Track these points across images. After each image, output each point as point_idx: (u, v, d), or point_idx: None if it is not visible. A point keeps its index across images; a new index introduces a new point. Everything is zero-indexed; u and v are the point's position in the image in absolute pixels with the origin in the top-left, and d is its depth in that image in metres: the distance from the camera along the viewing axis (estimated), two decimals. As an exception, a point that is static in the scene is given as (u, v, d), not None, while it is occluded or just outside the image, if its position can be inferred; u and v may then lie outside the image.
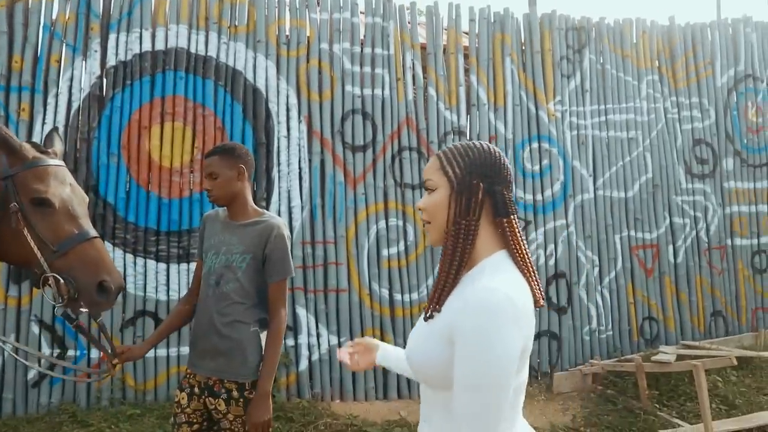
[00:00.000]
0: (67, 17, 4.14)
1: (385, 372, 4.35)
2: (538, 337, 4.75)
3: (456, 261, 1.18)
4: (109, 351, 2.15)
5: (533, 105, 4.99)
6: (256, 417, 2.04)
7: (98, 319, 2.04)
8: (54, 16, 4.14)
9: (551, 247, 4.89)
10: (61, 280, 1.84)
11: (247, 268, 2.14)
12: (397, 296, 4.44)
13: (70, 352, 3.96)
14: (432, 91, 4.71)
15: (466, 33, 5.02)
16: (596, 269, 5.01)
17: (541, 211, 4.90)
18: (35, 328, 3.91)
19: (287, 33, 4.49)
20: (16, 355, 2.83)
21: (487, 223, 1.20)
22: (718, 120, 5.54)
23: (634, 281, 5.10)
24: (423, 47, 4.83)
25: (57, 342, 3.95)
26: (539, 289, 1.19)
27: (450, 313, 1.14)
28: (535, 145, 4.95)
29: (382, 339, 4.35)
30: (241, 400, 2.09)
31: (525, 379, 1.18)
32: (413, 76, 4.71)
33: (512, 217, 1.19)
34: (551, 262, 4.88)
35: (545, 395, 4.49)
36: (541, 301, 1.19)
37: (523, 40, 5.10)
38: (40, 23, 4.11)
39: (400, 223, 4.51)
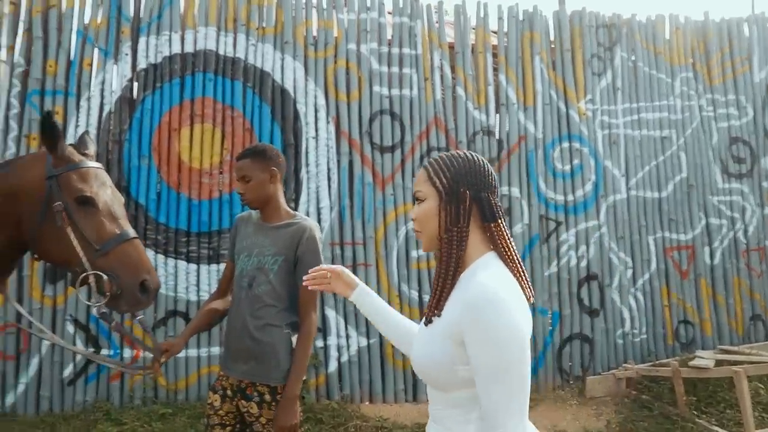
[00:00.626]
0: (98, 22, 4.22)
1: (416, 374, 4.30)
2: (569, 339, 4.66)
3: (451, 266, 1.23)
4: (154, 349, 2.16)
5: (563, 104, 4.91)
6: (283, 420, 2.02)
7: (138, 318, 2.05)
8: (86, 21, 4.22)
9: (583, 248, 4.79)
10: (105, 277, 1.86)
11: (278, 270, 2.12)
12: (427, 298, 4.40)
13: (104, 351, 4.01)
14: (460, 91, 4.66)
15: (495, 32, 4.96)
16: (629, 271, 4.89)
17: (572, 212, 4.80)
18: (70, 328, 3.98)
19: (315, 34, 4.49)
20: (76, 348, 2.87)
21: (476, 227, 1.25)
22: (756, 117, 5.37)
23: (669, 283, 4.97)
24: (451, 47, 4.78)
25: (91, 341, 4.01)
26: (529, 287, 1.23)
27: (450, 314, 1.19)
28: (565, 144, 4.86)
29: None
30: (273, 403, 2.07)
31: (529, 371, 1.21)
32: (441, 76, 4.67)
33: (499, 221, 1.25)
34: (583, 263, 4.78)
35: (578, 400, 4.40)
36: (531, 298, 1.23)
37: (552, 39, 5.02)
38: (73, 28, 4.18)
39: (429, 224, 4.47)
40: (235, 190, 2.21)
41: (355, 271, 4.31)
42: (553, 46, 5.00)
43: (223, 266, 4.06)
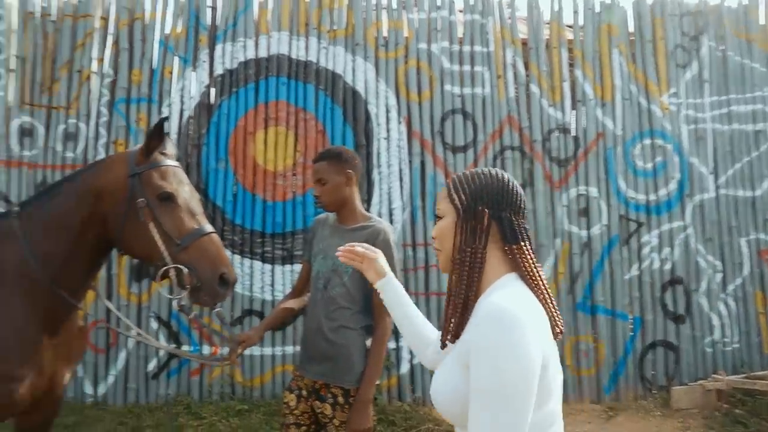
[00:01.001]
0: (178, 32, 4.39)
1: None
2: (652, 347, 4.42)
3: (463, 289, 1.16)
4: (231, 340, 2.20)
5: (644, 99, 4.65)
6: (357, 424, 2.01)
7: (215, 310, 2.10)
8: (167, 31, 4.40)
9: (667, 250, 4.52)
10: (185, 270, 1.91)
11: (353, 273, 2.11)
12: (499, 301, 4.29)
13: (185, 347, 4.17)
14: (534, 88, 4.52)
15: (570, 26, 4.77)
16: (719, 275, 4.57)
17: (654, 212, 4.55)
18: (154, 324, 4.16)
19: (385, 35, 4.48)
20: (158, 344, 2.99)
21: (497, 249, 1.17)
22: None
23: (764, 289, 4.61)
24: (524, 43, 4.65)
25: (173, 337, 4.18)
26: (555, 316, 1.13)
27: (463, 341, 1.12)
28: (647, 141, 4.60)
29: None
30: (347, 405, 2.07)
31: (554, 407, 1.09)
32: (514, 73, 4.54)
33: (522, 243, 1.16)
34: (667, 266, 4.52)
35: (662, 411, 4.16)
36: (558, 331, 1.12)
37: (632, 30, 4.77)
38: (155, 39, 4.38)
39: (502, 225, 4.36)
40: (312, 193, 2.22)
41: (427, 273, 4.27)
42: (632, 38, 4.75)
43: (296, 267, 4.14)
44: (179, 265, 1.92)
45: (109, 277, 4.18)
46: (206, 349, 4.18)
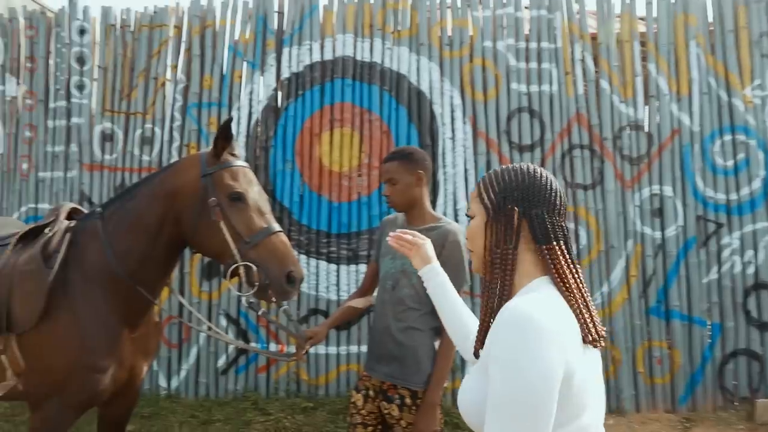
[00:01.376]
0: (247, 37, 4.52)
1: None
2: (734, 355, 4.16)
3: (495, 293, 1.09)
4: (298, 336, 2.25)
5: (725, 92, 4.38)
6: (423, 426, 1.99)
7: (282, 308, 2.14)
8: (236, 37, 4.53)
9: (750, 253, 4.24)
10: (254, 268, 1.96)
11: None
12: (568, 303, 4.16)
13: (252, 344, 4.28)
14: (605, 84, 4.35)
15: (642, 18, 4.57)
16: (810, 280, 4.26)
17: (736, 212, 4.28)
18: (223, 321, 4.30)
19: (449, 33, 4.44)
20: (230, 339, 3.09)
21: (528, 250, 1.10)
22: None
23: None
24: (593, 37, 4.48)
25: (241, 335, 4.30)
26: (591, 321, 1.03)
27: (486, 347, 1.04)
28: (727, 137, 4.34)
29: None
30: (413, 407, 2.05)
31: (587, 424, 0.99)
32: (583, 69, 4.38)
33: (555, 243, 1.08)
34: (750, 270, 4.23)
35: (745, 425, 3.91)
36: (590, 338, 1.01)
37: (711, 20, 4.51)
38: (225, 45, 4.52)
39: (572, 225, 4.22)
40: (381, 192, 2.23)
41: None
42: (711, 28, 4.50)
43: (361, 267, 4.18)
44: (248, 263, 1.97)
45: (182, 276, 4.35)
46: (273, 347, 4.27)
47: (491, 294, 1.11)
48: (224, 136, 2.10)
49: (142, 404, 4.06)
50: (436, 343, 2.12)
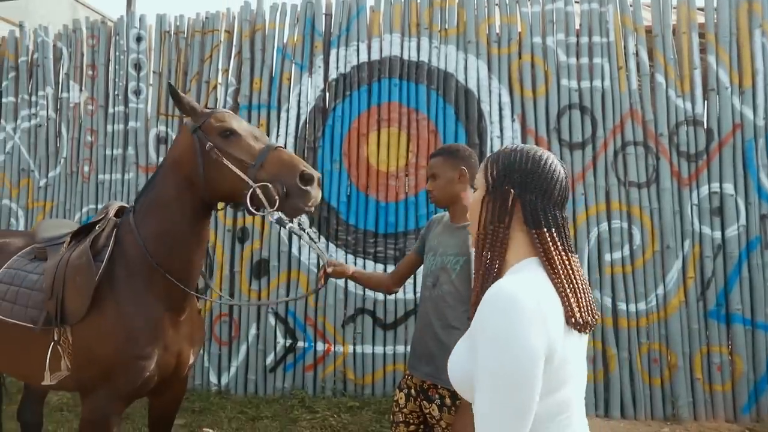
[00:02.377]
0: (295, 39, 4.58)
1: (608, 386, 3.98)
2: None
3: (485, 266, 1.15)
4: (323, 260, 2.33)
5: (792, 83, 4.16)
6: (460, 427, 1.95)
7: (307, 230, 2.23)
8: (285, 40, 4.61)
9: (820, 255, 4.01)
10: (269, 186, 1.99)
11: (460, 271, 2.09)
12: (621, 305, 4.03)
13: (300, 344, 4.33)
14: (660, 78, 4.19)
15: (701, 9, 4.38)
16: None
17: (805, 211, 4.05)
18: (272, 320, 4.36)
19: (498, 31, 4.38)
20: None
21: (521, 231, 1.14)
22: None
23: None
24: (648, 30, 4.33)
25: (289, 333, 4.36)
26: (576, 306, 1.07)
27: (473, 322, 1.09)
28: (795, 131, 4.11)
29: (603, 352, 3.99)
30: (453, 408, 2.02)
31: (568, 397, 1.07)
32: (637, 63, 4.24)
33: (545, 230, 1.11)
34: (821, 273, 4.00)
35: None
36: (573, 321, 1.05)
37: (777, 7, 4.29)
38: (274, 47, 4.61)
39: (625, 225, 4.09)
40: (426, 187, 2.26)
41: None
42: (778, 16, 4.27)
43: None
44: (262, 183, 2.00)
45: (232, 275, 4.45)
46: (320, 345, 4.31)
47: (481, 267, 1.16)
48: (174, 97, 2.18)
49: (193, 399, 4.18)
50: None
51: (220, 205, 2.26)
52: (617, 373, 3.96)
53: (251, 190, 2.01)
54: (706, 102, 4.18)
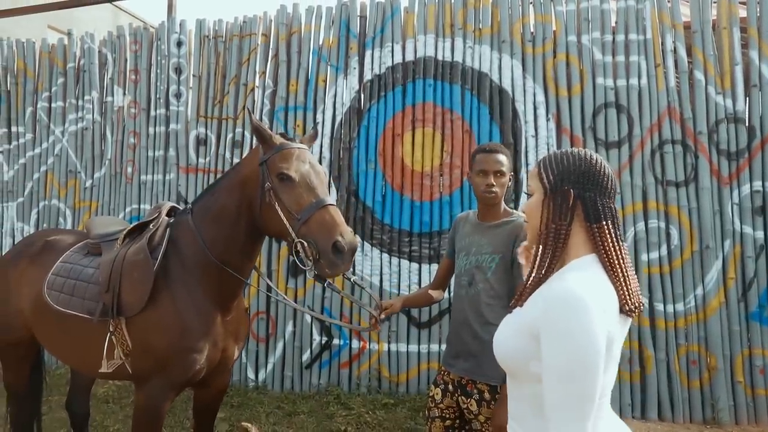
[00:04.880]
0: (330, 42, 4.65)
1: (645, 387, 3.93)
2: None
3: (545, 261, 1.25)
4: (374, 306, 2.33)
5: (839, 78, 4.03)
6: (501, 419, 1.97)
7: (351, 279, 2.26)
8: (320, 42, 4.68)
9: None
10: (305, 243, 2.01)
11: (496, 269, 2.12)
12: (659, 306, 3.98)
13: (335, 341, 4.40)
14: (699, 75, 4.11)
15: (743, 3, 4.28)
16: None
17: None
18: (308, 317, 4.44)
19: (532, 30, 4.36)
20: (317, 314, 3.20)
21: (580, 227, 1.25)
22: None
23: None
24: (686, 26, 4.25)
25: (325, 331, 4.43)
26: (629, 295, 1.19)
27: (531, 309, 1.20)
28: (842, 128, 3.99)
29: (640, 353, 3.95)
30: (492, 402, 2.06)
31: (609, 382, 1.19)
32: (675, 61, 4.17)
33: (603, 222, 1.23)
34: None
35: None
36: (627, 308, 1.18)
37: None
38: (310, 50, 4.69)
39: (662, 224, 4.03)
40: (487, 183, 2.15)
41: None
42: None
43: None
44: (301, 240, 2.03)
45: (269, 273, 4.55)
46: (355, 344, 4.37)
47: (541, 264, 1.26)
48: (256, 129, 2.22)
49: (232, 394, 4.29)
50: None
51: None
52: (654, 374, 3.91)
53: (294, 243, 2.06)
54: (747, 99, 4.08)
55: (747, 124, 4.04)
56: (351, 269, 2.28)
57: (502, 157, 2.19)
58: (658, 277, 4.00)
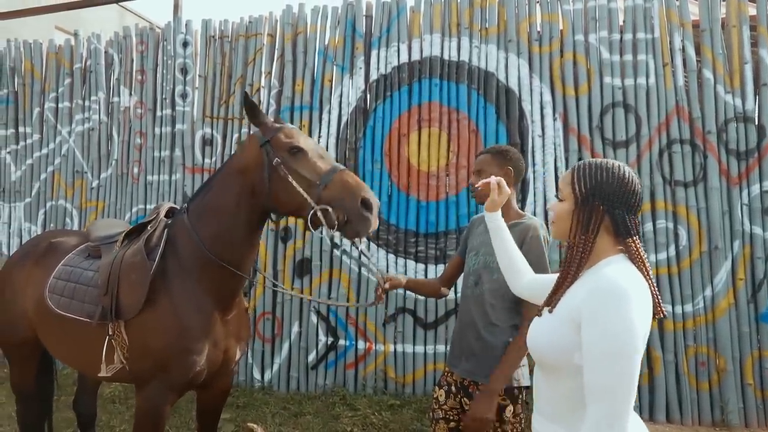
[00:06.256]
0: (336, 41, 4.64)
1: (653, 389, 3.90)
2: None
3: (573, 268, 1.33)
4: (380, 277, 2.35)
5: None
6: (477, 412, 1.99)
7: (363, 238, 2.20)
8: (326, 42, 4.67)
9: None
10: (330, 210, 2.01)
11: None
12: (667, 308, 3.94)
13: (341, 342, 4.39)
14: (708, 74, 4.07)
15: (752, 0, 4.24)
16: None
17: None
18: (314, 317, 4.44)
19: (539, 29, 4.34)
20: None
21: (607, 233, 1.31)
22: None
23: None
24: (695, 25, 4.22)
25: (331, 331, 4.42)
26: (659, 299, 1.26)
27: (572, 301, 1.27)
28: None
29: (648, 354, 3.91)
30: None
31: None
32: (683, 59, 4.13)
33: (632, 238, 1.30)
34: None
35: None
36: (658, 309, 1.25)
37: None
38: (315, 50, 4.68)
39: (671, 225, 4.00)
40: (469, 181, 2.30)
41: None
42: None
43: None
44: (324, 206, 2.03)
45: (275, 273, 4.54)
46: (361, 344, 4.36)
47: (570, 267, 1.34)
48: (250, 108, 2.23)
49: (238, 395, 4.28)
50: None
51: (274, 216, 2.31)
52: (663, 375, 3.88)
53: (312, 211, 2.05)
54: (757, 98, 4.04)
55: (756, 124, 4.01)
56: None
57: (483, 157, 2.27)
58: (667, 278, 3.97)
